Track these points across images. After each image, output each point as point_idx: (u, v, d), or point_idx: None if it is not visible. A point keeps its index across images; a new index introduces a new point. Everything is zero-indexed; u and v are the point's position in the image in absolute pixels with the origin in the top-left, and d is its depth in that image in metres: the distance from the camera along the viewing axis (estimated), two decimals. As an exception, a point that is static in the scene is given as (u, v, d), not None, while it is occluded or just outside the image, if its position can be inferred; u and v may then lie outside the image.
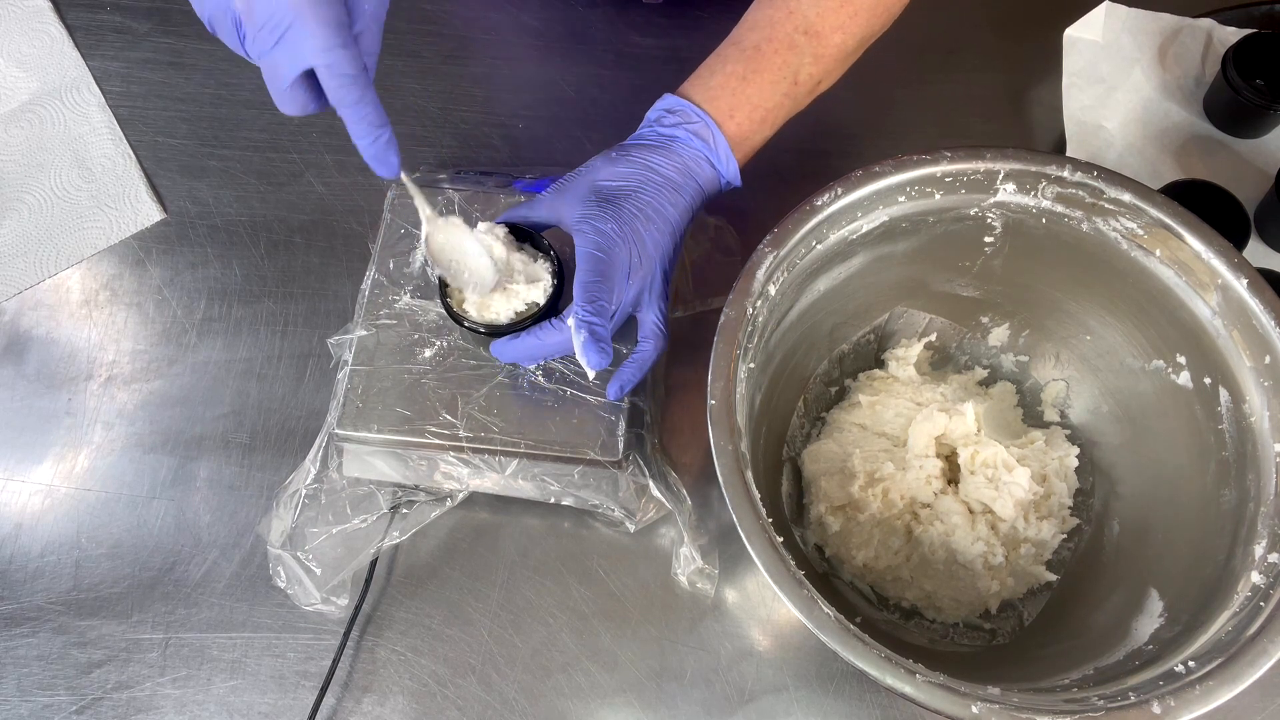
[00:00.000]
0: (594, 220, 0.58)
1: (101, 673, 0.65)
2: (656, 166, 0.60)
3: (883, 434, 0.67)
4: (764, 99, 0.62)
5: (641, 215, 0.59)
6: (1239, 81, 0.76)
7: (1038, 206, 0.60)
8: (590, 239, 0.58)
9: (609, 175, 0.60)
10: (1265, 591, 0.49)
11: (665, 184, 0.60)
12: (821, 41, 0.62)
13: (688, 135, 0.61)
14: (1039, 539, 0.63)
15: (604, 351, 0.57)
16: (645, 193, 0.60)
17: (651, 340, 0.61)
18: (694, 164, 0.61)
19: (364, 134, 0.50)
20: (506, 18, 0.87)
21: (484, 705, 0.64)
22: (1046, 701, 0.47)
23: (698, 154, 0.61)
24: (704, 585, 0.65)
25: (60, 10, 0.87)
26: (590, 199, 0.60)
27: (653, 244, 0.59)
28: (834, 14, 0.62)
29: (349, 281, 0.76)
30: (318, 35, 0.46)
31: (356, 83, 0.48)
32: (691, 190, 0.61)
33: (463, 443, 0.63)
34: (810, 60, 0.62)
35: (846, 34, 0.63)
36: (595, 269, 0.57)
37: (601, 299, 0.57)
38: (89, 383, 0.74)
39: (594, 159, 0.62)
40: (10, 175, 0.80)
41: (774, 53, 0.62)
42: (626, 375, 0.61)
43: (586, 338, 0.56)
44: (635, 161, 0.61)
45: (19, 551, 0.69)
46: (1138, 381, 0.63)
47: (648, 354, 0.61)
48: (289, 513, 0.65)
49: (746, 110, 0.62)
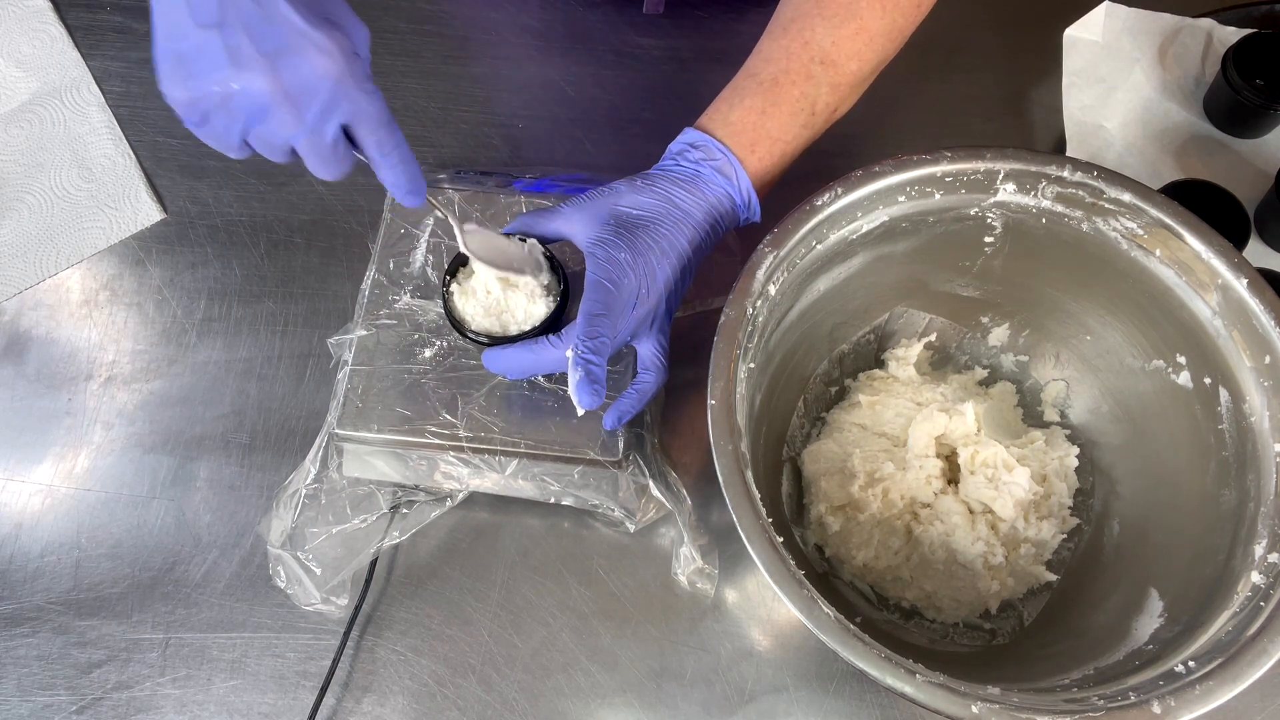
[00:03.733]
0: (609, 247, 0.58)
1: (101, 673, 0.65)
2: (678, 201, 0.60)
3: (883, 434, 0.67)
4: (783, 132, 0.62)
5: (656, 248, 0.59)
6: (1239, 81, 0.76)
7: (1038, 206, 0.60)
8: (602, 265, 0.58)
9: (631, 203, 0.60)
10: (1265, 591, 0.49)
11: (684, 219, 0.60)
12: (838, 70, 0.62)
13: (711, 172, 0.61)
14: (1039, 539, 0.63)
15: (597, 394, 0.56)
16: (663, 225, 0.60)
17: (653, 373, 0.61)
18: (716, 200, 0.61)
19: (399, 177, 0.53)
20: (506, 18, 0.87)
21: (484, 705, 0.64)
22: (1046, 701, 0.47)
23: (720, 190, 0.61)
24: (704, 585, 0.65)
25: (60, 10, 0.87)
26: (609, 223, 0.60)
27: (663, 278, 0.59)
28: (849, 42, 0.62)
29: (349, 281, 0.76)
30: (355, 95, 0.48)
31: (391, 127, 0.51)
32: (708, 226, 0.61)
33: (463, 443, 0.63)
34: (827, 90, 0.62)
35: (862, 61, 0.63)
36: (602, 299, 0.57)
37: (603, 334, 0.56)
38: (89, 383, 0.74)
39: (617, 183, 0.62)
40: (10, 175, 0.80)
41: (791, 84, 0.62)
42: (626, 405, 0.61)
43: (582, 377, 0.56)
44: (658, 193, 0.61)
45: (19, 551, 0.69)
46: (1138, 381, 0.63)
47: (648, 386, 0.61)
48: (289, 513, 0.65)
49: (767, 145, 0.62)
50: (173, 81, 0.47)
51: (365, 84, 0.49)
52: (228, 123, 0.48)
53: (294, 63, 0.46)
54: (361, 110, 0.49)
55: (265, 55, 0.46)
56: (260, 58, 0.46)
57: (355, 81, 0.48)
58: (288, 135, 0.49)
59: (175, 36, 0.46)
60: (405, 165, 0.52)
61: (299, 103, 0.47)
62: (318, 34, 0.46)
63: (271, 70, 0.46)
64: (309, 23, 0.46)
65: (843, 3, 0.62)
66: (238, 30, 0.45)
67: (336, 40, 0.47)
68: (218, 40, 0.45)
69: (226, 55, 0.46)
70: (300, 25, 0.46)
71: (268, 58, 0.46)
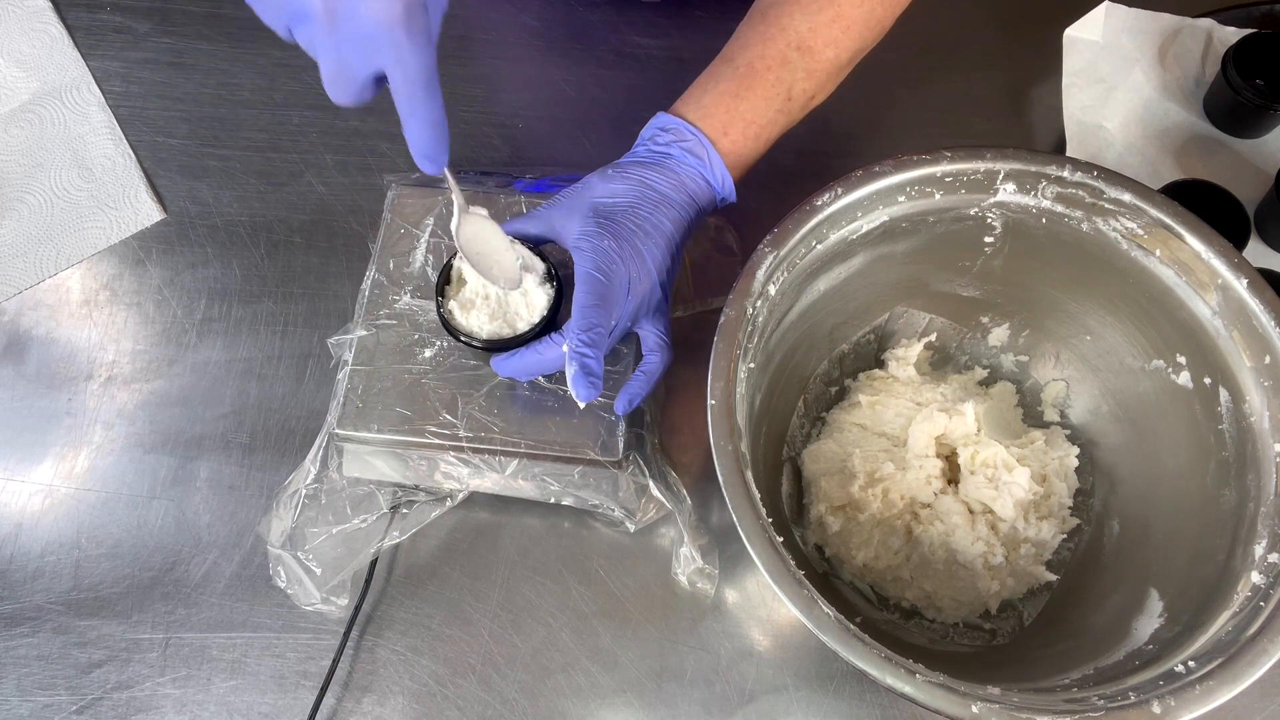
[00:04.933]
0: (592, 238, 0.58)
1: (101, 673, 0.65)
2: (652, 183, 0.60)
3: (883, 434, 0.67)
4: (757, 115, 0.62)
5: (640, 231, 0.59)
6: (1239, 81, 0.76)
7: (1038, 206, 0.60)
8: (589, 257, 0.58)
9: (605, 193, 0.60)
10: (1265, 591, 0.49)
11: (661, 200, 0.60)
12: (814, 57, 0.62)
13: (682, 153, 0.61)
14: (1039, 539, 0.63)
15: (594, 385, 0.56)
16: (642, 209, 0.60)
17: (658, 354, 0.61)
18: (689, 180, 0.61)
19: (424, 138, 0.50)
20: (506, 18, 0.87)
21: (484, 705, 0.64)
22: (1046, 701, 0.47)
23: (693, 170, 0.61)
24: (704, 585, 0.65)
25: (60, 10, 0.87)
26: (589, 216, 0.60)
27: (651, 260, 0.59)
28: (826, 29, 0.62)
29: (349, 281, 0.76)
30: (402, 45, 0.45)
31: (430, 88, 0.48)
32: (687, 205, 0.61)
33: (463, 443, 0.63)
34: (803, 76, 0.62)
35: (839, 49, 0.63)
36: (593, 290, 0.57)
37: (598, 326, 0.56)
38: (89, 383, 0.74)
39: (589, 176, 0.62)
40: (10, 175, 0.80)
41: (767, 69, 0.62)
42: (635, 388, 0.61)
43: (577, 371, 0.56)
44: (631, 178, 0.61)
45: (19, 551, 0.69)
46: (1138, 381, 0.63)
47: (655, 367, 0.61)
48: (289, 513, 0.65)
49: (740, 127, 0.62)
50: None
51: (419, 36, 0.46)
52: (276, 11, 0.47)
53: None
54: (401, 60, 0.46)
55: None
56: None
57: (408, 32, 0.45)
58: (318, 49, 0.47)
59: None
60: (431, 128, 0.49)
61: (338, 28, 0.45)
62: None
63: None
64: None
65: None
66: None
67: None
68: None
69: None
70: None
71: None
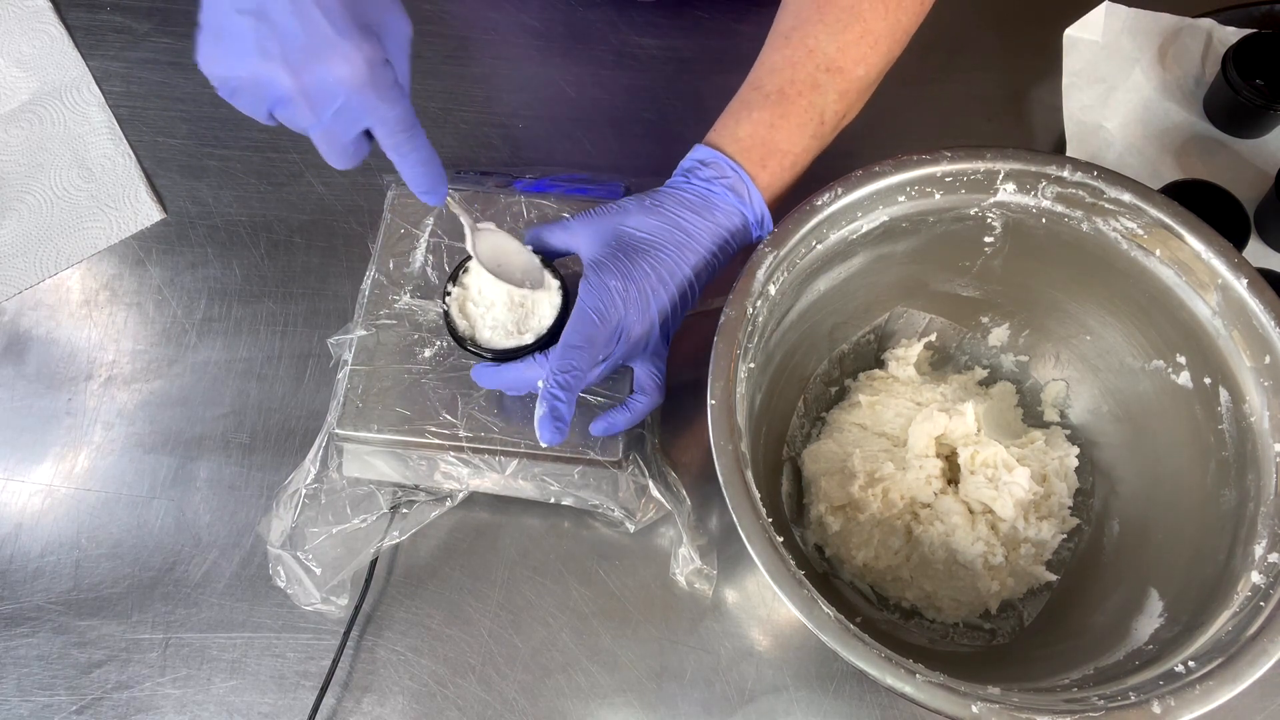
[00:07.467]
0: (603, 272, 0.58)
1: (101, 673, 0.65)
2: (686, 224, 0.59)
3: (883, 434, 0.67)
4: (793, 144, 0.61)
5: (655, 275, 0.58)
6: (1239, 81, 0.76)
7: (1038, 206, 0.60)
8: (592, 293, 0.57)
9: (637, 224, 0.60)
10: (1265, 591, 0.49)
11: (688, 244, 0.59)
12: (844, 77, 0.61)
13: (724, 191, 0.60)
14: (1039, 539, 0.63)
15: (560, 430, 0.56)
16: (665, 251, 0.59)
17: (648, 395, 0.61)
18: (726, 219, 0.60)
19: (417, 176, 0.53)
20: (506, 18, 0.87)
21: (484, 705, 0.64)
22: (1046, 701, 0.47)
23: (732, 208, 0.60)
24: (702, 586, 0.65)
25: (60, 10, 0.87)
26: (610, 243, 0.59)
27: (656, 306, 0.59)
28: (854, 47, 0.61)
29: (349, 281, 0.76)
30: (375, 104, 0.48)
31: (412, 132, 0.51)
32: (717, 251, 0.60)
33: (463, 443, 0.63)
34: (835, 97, 0.61)
35: (869, 66, 0.61)
36: (581, 330, 0.56)
37: (576, 369, 0.56)
38: (89, 383, 0.74)
39: (627, 201, 0.61)
40: (10, 175, 0.80)
41: (798, 95, 0.60)
42: (616, 420, 0.61)
43: (545, 413, 0.56)
44: (666, 216, 0.59)
45: (19, 551, 0.69)
46: (1138, 381, 0.63)
47: (641, 407, 0.61)
48: (289, 513, 0.65)
49: (777, 159, 0.60)
50: (208, 57, 0.48)
51: (388, 91, 0.49)
52: (255, 101, 0.49)
53: (314, 67, 0.47)
54: (380, 117, 0.49)
55: (289, 54, 0.46)
56: (284, 56, 0.46)
57: (376, 90, 0.48)
58: (304, 126, 0.50)
59: (216, 15, 0.47)
60: (425, 166, 0.53)
61: (316, 103, 0.48)
62: (344, 42, 0.46)
63: (293, 70, 0.46)
64: (337, 29, 0.46)
65: (844, 6, 0.61)
66: (269, 24, 0.46)
67: (363, 50, 0.47)
68: (251, 29, 0.46)
69: (256, 45, 0.46)
70: (327, 31, 0.46)
71: (291, 57, 0.46)
